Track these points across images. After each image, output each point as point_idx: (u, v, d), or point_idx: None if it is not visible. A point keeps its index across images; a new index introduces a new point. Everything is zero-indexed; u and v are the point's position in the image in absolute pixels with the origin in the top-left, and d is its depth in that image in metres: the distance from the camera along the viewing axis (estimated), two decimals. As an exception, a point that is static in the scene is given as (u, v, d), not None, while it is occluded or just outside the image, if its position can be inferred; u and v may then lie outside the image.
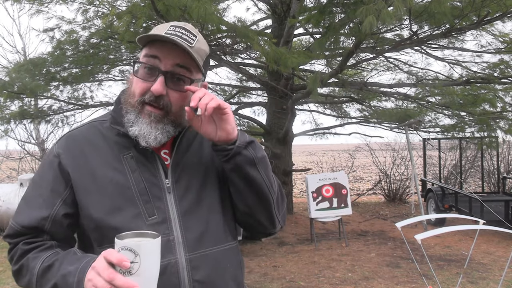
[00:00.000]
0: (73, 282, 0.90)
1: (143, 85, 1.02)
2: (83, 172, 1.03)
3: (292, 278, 4.84)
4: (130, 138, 1.04)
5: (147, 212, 1.01)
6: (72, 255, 0.98)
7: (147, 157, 1.05)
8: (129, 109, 1.04)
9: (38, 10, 6.68)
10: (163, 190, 1.04)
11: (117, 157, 1.04)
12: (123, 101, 1.08)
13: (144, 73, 1.03)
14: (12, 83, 6.30)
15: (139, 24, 4.77)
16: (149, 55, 1.02)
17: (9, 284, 4.83)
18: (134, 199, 1.01)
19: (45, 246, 1.02)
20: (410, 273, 4.89)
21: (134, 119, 1.03)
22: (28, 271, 1.00)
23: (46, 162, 1.07)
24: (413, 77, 8.32)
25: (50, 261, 0.97)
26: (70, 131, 1.12)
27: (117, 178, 1.02)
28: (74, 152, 1.05)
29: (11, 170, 12.81)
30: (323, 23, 5.17)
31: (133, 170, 1.03)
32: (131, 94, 1.05)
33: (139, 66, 1.04)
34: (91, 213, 1.01)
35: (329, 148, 18.86)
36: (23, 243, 1.02)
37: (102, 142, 1.07)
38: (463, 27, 5.16)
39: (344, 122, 9.97)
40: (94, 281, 0.83)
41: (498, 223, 5.80)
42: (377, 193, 11.84)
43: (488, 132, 7.55)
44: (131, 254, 0.81)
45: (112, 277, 0.81)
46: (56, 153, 1.06)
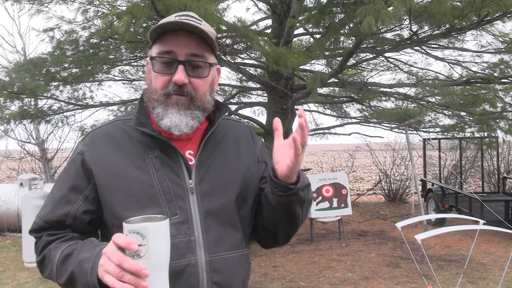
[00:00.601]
0: (87, 268, 0.91)
1: (164, 78, 1.04)
2: (107, 169, 1.04)
3: (292, 278, 4.84)
4: (154, 138, 1.06)
5: (169, 211, 1.02)
6: (89, 243, 1.00)
7: (171, 157, 1.06)
8: (155, 104, 1.06)
9: (38, 10, 6.67)
10: (186, 190, 1.05)
11: (142, 156, 1.05)
12: (147, 100, 1.09)
13: (162, 67, 1.04)
14: (12, 83, 6.29)
15: (139, 24, 4.76)
16: (163, 51, 1.03)
17: (9, 284, 4.83)
18: (157, 198, 1.02)
19: (67, 237, 1.05)
20: (410, 273, 4.89)
21: (162, 111, 1.04)
22: (50, 261, 1.02)
23: (71, 159, 1.10)
24: (413, 77, 8.31)
25: (69, 250, 0.99)
26: (94, 129, 1.13)
27: (141, 177, 1.03)
28: (98, 149, 1.06)
29: (11, 170, 12.81)
30: (323, 23, 5.16)
31: (157, 169, 1.04)
32: (152, 90, 1.06)
33: (154, 62, 1.05)
34: (114, 210, 1.02)
35: (329, 148, 18.86)
36: (47, 235, 1.05)
37: (126, 141, 1.08)
38: (463, 27, 5.15)
39: (344, 122, 9.96)
40: (105, 266, 0.84)
41: (498, 223, 5.80)
42: (377, 193, 11.83)
43: (488, 132, 7.54)
44: (139, 237, 0.81)
45: (121, 260, 0.81)
46: (80, 150, 1.08)
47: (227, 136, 1.17)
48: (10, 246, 6.68)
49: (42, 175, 10.45)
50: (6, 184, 8.82)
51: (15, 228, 7.19)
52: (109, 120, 1.15)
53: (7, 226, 7.31)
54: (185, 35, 1.03)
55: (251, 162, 1.17)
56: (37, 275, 5.09)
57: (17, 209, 6.95)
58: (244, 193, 1.12)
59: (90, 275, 0.89)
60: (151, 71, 1.07)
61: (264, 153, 1.24)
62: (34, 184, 5.95)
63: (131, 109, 8.69)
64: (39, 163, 10.91)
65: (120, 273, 0.81)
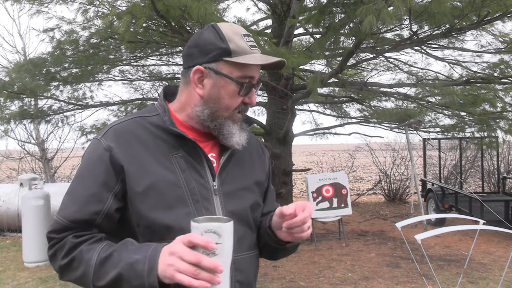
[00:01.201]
0: (143, 269, 0.90)
1: (240, 99, 1.10)
2: (136, 167, 1.03)
3: (292, 278, 4.84)
4: (178, 138, 1.08)
5: (196, 212, 1.04)
6: (131, 244, 0.99)
7: (195, 158, 1.09)
8: (224, 121, 1.10)
9: (38, 10, 6.67)
10: (210, 192, 1.08)
11: (167, 155, 1.06)
12: (210, 114, 1.10)
13: (240, 89, 1.10)
14: (12, 83, 6.29)
15: (139, 24, 4.76)
16: (247, 76, 1.09)
17: (9, 284, 4.83)
18: (185, 198, 1.04)
19: (97, 238, 1.02)
20: (410, 273, 4.89)
21: (231, 129, 1.11)
22: (82, 263, 0.98)
23: (95, 155, 1.05)
24: (413, 77, 8.31)
25: (107, 252, 0.97)
26: (114, 124, 1.10)
27: (169, 177, 1.04)
28: (125, 146, 1.05)
29: (11, 170, 12.80)
30: (323, 23, 5.16)
31: (183, 169, 1.06)
32: (223, 108, 1.10)
33: (232, 82, 1.08)
34: (143, 209, 1.02)
35: (329, 148, 18.86)
36: (73, 236, 1.01)
37: (150, 139, 1.07)
38: (463, 27, 5.15)
39: (344, 122, 9.94)
40: (177, 265, 0.86)
41: (498, 223, 5.80)
42: (377, 193, 11.83)
43: (488, 132, 7.54)
44: (215, 236, 0.85)
45: (199, 258, 0.85)
46: (107, 146, 1.04)
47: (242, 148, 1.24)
48: (10, 246, 6.69)
49: (42, 175, 10.46)
50: (6, 184, 8.83)
51: (15, 228, 7.19)
52: (126, 116, 1.14)
53: (7, 226, 7.31)
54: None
55: (260, 172, 1.25)
56: (37, 275, 5.09)
57: (17, 209, 6.95)
58: (257, 199, 1.20)
59: (147, 277, 0.90)
60: (227, 89, 1.09)
61: (270, 170, 1.33)
62: (34, 184, 5.95)
63: (132, 109, 8.69)
64: (39, 163, 10.91)
65: (196, 271, 0.85)
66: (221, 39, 1.06)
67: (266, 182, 1.28)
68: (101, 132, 1.10)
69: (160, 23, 5.35)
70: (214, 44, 1.07)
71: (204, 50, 1.08)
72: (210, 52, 1.07)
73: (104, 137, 1.07)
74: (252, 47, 1.09)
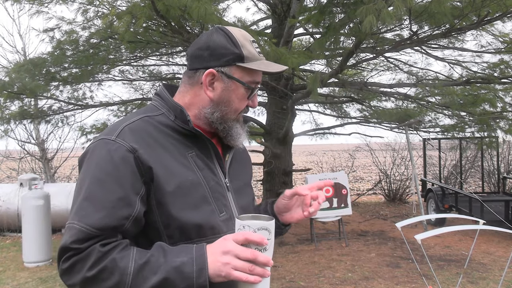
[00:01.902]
0: (192, 271, 0.92)
1: (245, 102, 1.15)
2: (163, 168, 1.02)
3: (292, 278, 4.84)
4: (189, 137, 1.10)
5: (218, 209, 1.09)
6: (167, 248, 0.97)
7: (207, 156, 1.12)
8: (233, 123, 1.14)
9: (38, 11, 6.67)
10: (224, 189, 1.13)
11: (184, 155, 1.08)
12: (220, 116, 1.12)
13: (247, 93, 1.14)
14: (12, 83, 6.29)
15: (139, 24, 4.76)
16: (256, 82, 1.14)
17: (9, 284, 4.83)
18: (208, 197, 1.07)
19: (124, 245, 0.97)
20: (410, 273, 4.89)
21: (241, 131, 1.16)
22: (116, 272, 0.92)
23: (115, 157, 0.98)
24: (413, 77, 8.31)
25: (144, 258, 0.93)
26: (127, 124, 1.05)
27: (192, 176, 1.06)
28: (147, 146, 1.02)
29: (11, 170, 12.80)
30: (323, 23, 5.17)
31: (201, 168, 1.09)
32: (232, 110, 1.13)
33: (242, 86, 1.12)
34: (173, 211, 1.01)
35: (329, 148, 18.87)
36: (101, 245, 0.94)
37: (164, 139, 1.07)
38: (463, 27, 5.15)
39: (344, 122, 9.95)
40: (233, 263, 0.90)
41: (498, 223, 5.80)
42: (377, 193, 11.84)
43: (488, 132, 7.54)
44: (267, 233, 0.92)
45: (256, 255, 0.90)
46: (130, 147, 0.99)
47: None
48: (10, 246, 6.69)
49: (42, 175, 10.46)
50: (6, 184, 8.83)
51: (15, 228, 7.19)
52: (133, 115, 1.10)
53: (7, 226, 7.31)
54: None
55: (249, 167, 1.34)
56: (37, 275, 5.09)
57: (17, 209, 6.95)
58: (254, 195, 1.30)
59: (197, 278, 0.91)
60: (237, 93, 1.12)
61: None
62: (34, 184, 5.95)
63: (132, 109, 8.69)
64: (39, 163, 10.91)
65: (252, 267, 0.90)
66: (234, 44, 1.09)
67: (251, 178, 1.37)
68: (111, 132, 1.03)
69: (160, 23, 5.35)
70: (228, 49, 1.08)
71: (217, 53, 1.09)
72: (224, 57, 1.08)
73: (121, 138, 1.01)
74: (259, 54, 1.13)
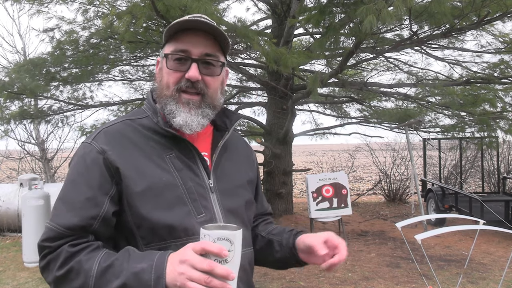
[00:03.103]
0: (150, 279, 0.88)
1: (177, 75, 1.07)
2: (132, 169, 1.01)
3: (292, 278, 4.84)
4: (171, 138, 1.08)
5: (195, 211, 1.04)
6: (133, 252, 0.95)
7: (189, 158, 1.09)
8: (167, 100, 1.08)
9: (38, 10, 6.68)
10: (207, 190, 1.08)
11: (161, 156, 1.06)
12: (157, 97, 1.11)
13: (176, 64, 1.07)
14: (12, 83, 6.30)
15: (139, 24, 4.76)
16: (178, 50, 1.07)
17: (9, 284, 4.83)
18: (184, 198, 1.03)
19: (94, 247, 0.97)
20: (410, 273, 4.89)
21: (175, 108, 1.07)
22: (81, 273, 0.93)
23: (88, 159, 1.02)
24: (413, 77, 8.32)
25: (108, 261, 0.93)
26: (104, 127, 1.09)
27: (166, 177, 1.03)
28: (118, 147, 1.03)
29: (11, 170, 12.81)
30: (323, 23, 5.16)
31: (179, 169, 1.06)
32: (164, 86, 1.08)
33: (168, 59, 1.08)
34: (143, 211, 1.00)
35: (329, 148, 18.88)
36: (69, 245, 0.95)
37: (142, 140, 1.06)
38: (463, 27, 5.15)
39: (344, 122, 9.96)
40: (188, 274, 0.84)
41: (498, 223, 5.80)
42: (377, 193, 11.83)
43: (488, 132, 7.54)
44: (228, 243, 0.86)
45: (213, 266, 0.84)
46: (100, 149, 1.02)
47: (233, 143, 1.24)
48: (10, 246, 6.68)
49: (42, 175, 10.46)
50: (6, 184, 8.82)
51: (15, 228, 7.19)
52: (116, 120, 1.13)
53: (7, 226, 7.31)
54: (200, 35, 1.07)
55: (249, 169, 1.26)
56: (37, 275, 5.08)
57: (17, 209, 6.95)
58: (250, 196, 1.21)
59: (154, 286, 0.87)
60: (164, 68, 1.09)
61: (258, 168, 1.32)
62: (34, 184, 5.95)
63: (132, 109, 8.70)
64: (39, 163, 10.91)
65: (208, 279, 0.83)
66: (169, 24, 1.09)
67: (256, 182, 1.28)
68: (90, 136, 1.07)
69: (160, 23, 5.35)
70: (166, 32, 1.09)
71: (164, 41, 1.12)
72: (165, 39, 1.11)
73: (95, 141, 1.04)
74: (191, 17, 1.06)
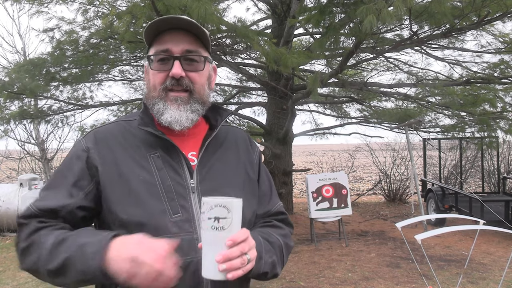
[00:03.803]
0: (92, 252, 0.89)
1: (161, 75, 1.09)
2: (111, 168, 1.05)
3: (292, 278, 4.84)
4: (157, 138, 1.09)
5: (171, 210, 1.04)
6: (90, 230, 1.00)
7: (173, 157, 1.09)
8: (155, 100, 1.10)
9: (38, 11, 6.67)
10: (187, 190, 1.07)
11: (144, 155, 1.08)
12: (146, 99, 1.13)
13: (159, 65, 1.09)
14: (12, 83, 6.29)
15: (139, 24, 4.76)
16: (160, 50, 1.09)
17: (9, 284, 4.83)
18: (160, 196, 1.04)
19: (59, 226, 1.02)
20: (410, 273, 4.89)
21: (162, 107, 1.09)
22: (38, 247, 0.97)
23: (74, 155, 1.09)
24: (413, 77, 8.32)
25: (63, 236, 0.96)
26: (97, 127, 1.15)
27: (143, 176, 1.05)
28: (103, 148, 1.08)
29: (11, 170, 12.81)
30: (323, 23, 5.16)
31: (159, 168, 1.07)
32: (151, 88, 1.11)
33: (151, 61, 1.10)
34: (116, 209, 1.03)
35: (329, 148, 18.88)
36: (37, 221, 1.01)
37: (129, 140, 1.10)
38: (463, 27, 5.15)
39: (344, 122, 9.96)
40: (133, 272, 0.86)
41: (498, 223, 5.80)
42: (377, 193, 11.83)
43: (488, 132, 7.54)
44: (225, 210, 0.89)
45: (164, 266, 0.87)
46: (86, 147, 1.08)
47: (227, 140, 1.22)
48: (10, 246, 6.68)
49: (42, 175, 10.46)
50: (6, 184, 8.82)
51: (15, 228, 7.18)
52: (111, 121, 1.17)
53: (7, 226, 7.31)
54: (179, 33, 1.09)
55: (249, 168, 1.21)
56: (37, 275, 5.09)
57: (17, 209, 6.95)
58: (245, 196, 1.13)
59: (92, 259, 0.89)
60: (149, 70, 1.12)
61: (261, 166, 1.28)
62: (34, 184, 5.95)
63: (132, 109, 8.71)
64: (39, 163, 10.91)
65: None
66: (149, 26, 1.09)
67: (257, 179, 1.23)
68: (85, 134, 1.15)
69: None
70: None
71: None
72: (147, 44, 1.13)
73: (85, 138, 1.11)
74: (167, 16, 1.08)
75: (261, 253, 1.04)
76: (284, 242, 1.17)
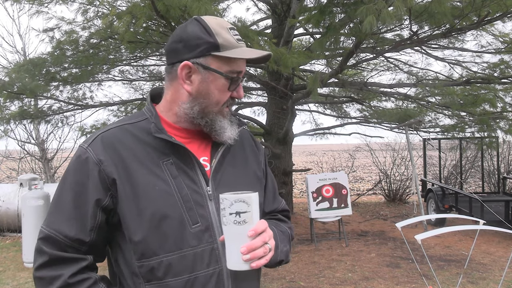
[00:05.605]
0: None
1: (228, 94, 1.08)
2: (126, 179, 1.00)
3: (292, 278, 4.84)
4: (168, 144, 1.04)
5: (190, 220, 1.01)
6: None
7: (186, 164, 1.05)
8: (215, 116, 1.07)
9: (38, 11, 6.67)
10: (205, 197, 1.04)
11: (157, 163, 1.02)
12: (199, 111, 1.06)
13: (229, 84, 1.07)
14: (12, 83, 6.29)
15: (139, 24, 4.76)
16: (236, 71, 1.07)
17: (9, 284, 4.83)
18: (178, 206, 1.00)
19: (92, 281, 0.99)
20: (410, 273, 4.89)
21: (224, 125, 1.08)
22: None
23: (84, 169, 1.01)
24: (413, 77, 8.32)
25: None
26: (101, 132, 1.06)
27: (160, 185, 1.00)
28: (114, 157, 1.01)
29: (11, 170, 12.81)
30: (323, 23, 5.16)
31: (174, 176, 1.02)
32: (213, 103, 1.06)
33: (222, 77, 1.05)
34: (135, 222, 0.98)
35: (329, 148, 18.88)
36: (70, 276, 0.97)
37: (139, 147, 1.03)
38: (463, 27, 5.15)
39: (344, 122, 9.96)
40: None
41: (498, 223, 5.80)
42: (377, 193, 11.83)
43: (488, 132, 7.54)
44: (245, 205, 0.93)
45: None
46: (97, 160, 1.00)
47: (238, 142, 1.18)
48: (10, 246, 6.68)
49: (42, 175, 10.46)
50: (6, 184, 8.82)
51: (15, 228, 7.19)
52: (115, 123, 1.10)
53: (7, 226, 7.31)
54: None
55: (257, 168, 1.21)
56: (37, 275, 5.08)
57: (17, 209, 6.95)
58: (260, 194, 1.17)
59: None
60: (217, 83, 1.05)
61: (266, 164, 1.28)
62: (34, 184, 5.94)
63: (132, 110, 8.70)
64: (39, 163, 10.91)
65: None
66: (208, 33, 1.02)
67: (264, 178, 1.23)
68: (88, 140, 1.05)
69: (160, 23, 5.35)
70: (202, 39, 1.02)
71: (190, 45, 1.03)
72: (198, 47, 1.03)
73: (91, 147, 1.02)
74: (238, 41, 1.06)
75: (278, 242, 1.08)
76: (291, 234, 1.23)
